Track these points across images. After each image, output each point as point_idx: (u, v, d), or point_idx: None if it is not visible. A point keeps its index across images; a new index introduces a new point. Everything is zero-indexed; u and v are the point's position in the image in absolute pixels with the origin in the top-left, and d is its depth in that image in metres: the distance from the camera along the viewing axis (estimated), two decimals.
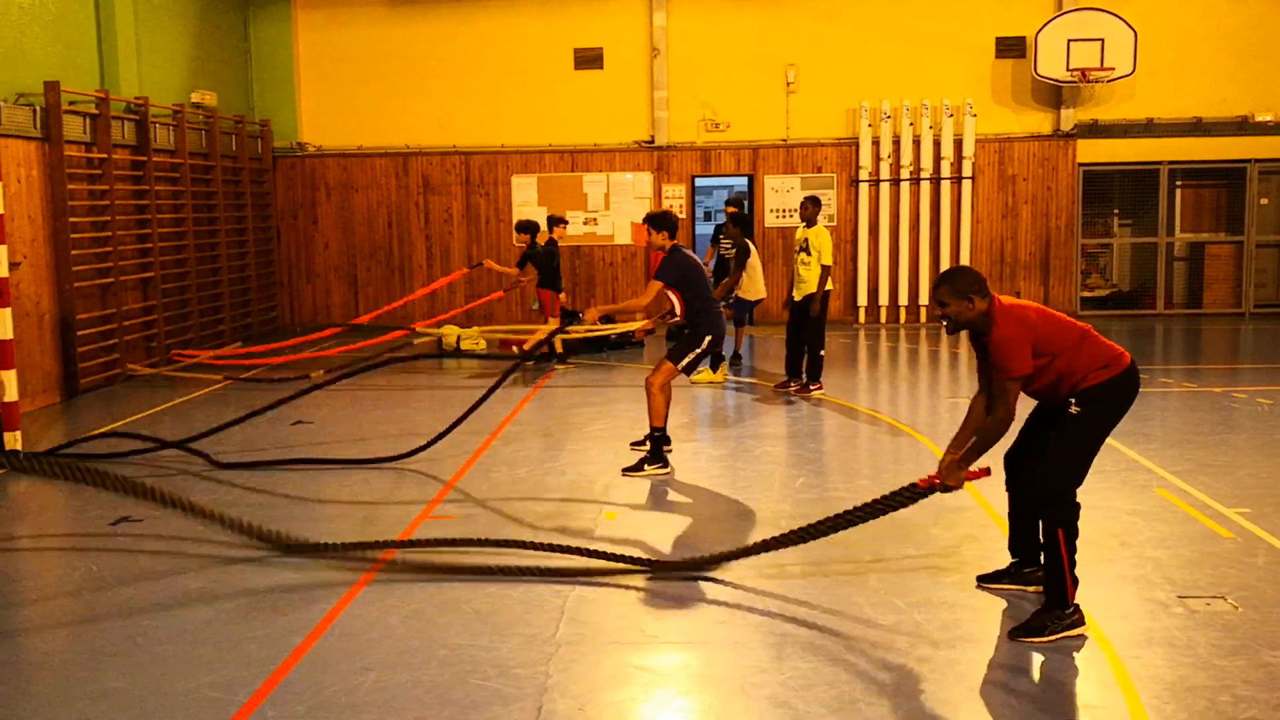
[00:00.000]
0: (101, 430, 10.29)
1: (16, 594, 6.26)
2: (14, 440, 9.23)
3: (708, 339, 8.59)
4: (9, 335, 9.21)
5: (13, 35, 11.92)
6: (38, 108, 11.95)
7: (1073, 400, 5.31)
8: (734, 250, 13.26)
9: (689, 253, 8.81)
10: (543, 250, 13.96)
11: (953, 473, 5.39)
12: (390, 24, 18.42)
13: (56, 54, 12.79)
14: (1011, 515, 5.90)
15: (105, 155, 13.10)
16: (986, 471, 5.47)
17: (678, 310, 8.77)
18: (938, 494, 5.50)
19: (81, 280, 12.58)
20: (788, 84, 17.98)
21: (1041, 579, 5.71)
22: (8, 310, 9.17)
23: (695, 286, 8.65)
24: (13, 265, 10.20)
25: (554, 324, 13.45)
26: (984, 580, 6.01)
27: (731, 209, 13.60)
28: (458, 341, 15.85)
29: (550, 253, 13.97)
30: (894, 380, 13.34)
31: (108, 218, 13.16)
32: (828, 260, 11.67)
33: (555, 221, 14.50)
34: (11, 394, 9.21)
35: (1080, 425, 5.32)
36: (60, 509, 8.18)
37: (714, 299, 8.83)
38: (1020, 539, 5.88)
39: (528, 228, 14.39)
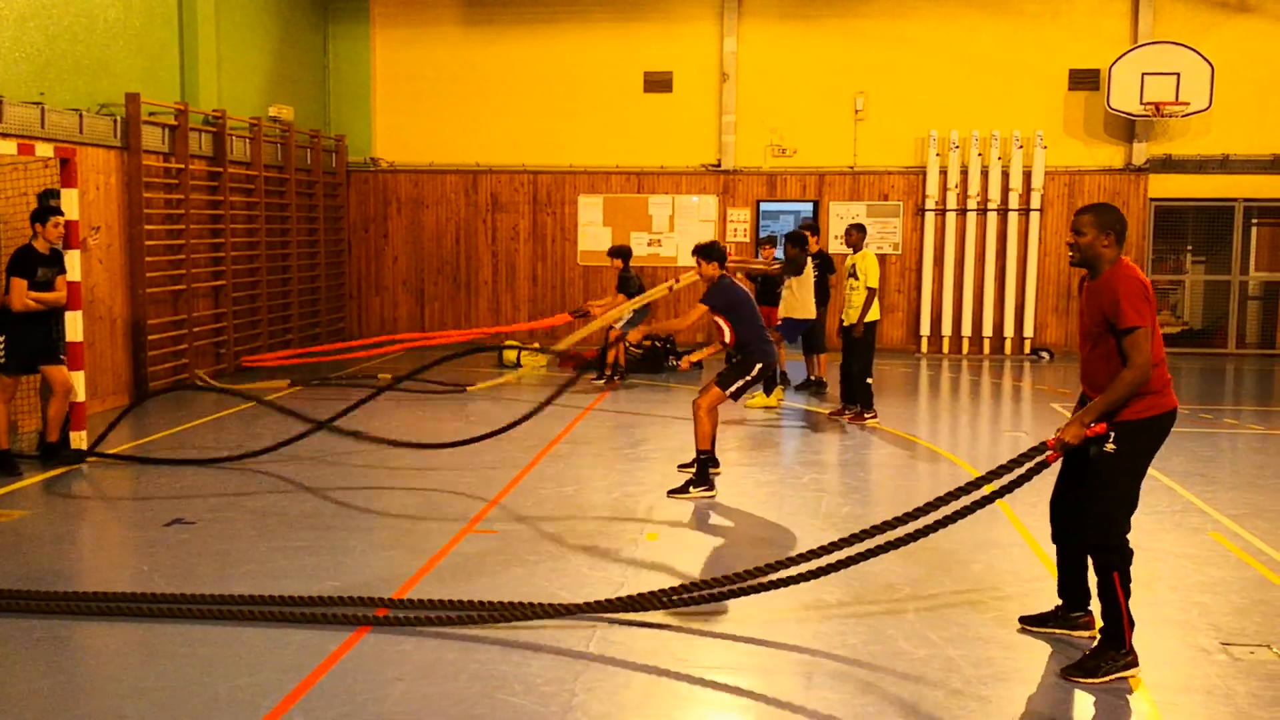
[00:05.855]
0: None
1: (70, 589, 6.43)
2: (80, 440, 9.48)
3: (758, 367, 8.65)
4: (79, 338, 9.47)
5: (97, 48, 12.30)
6: (118, 118, 12.32)
7: (1111, 434, 5.23)
8: (818, 274, 13.24)
9: (737, 283, 8.87)
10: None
11: (1075, 429, 5.24)
12: (465, 44, 18.71)
13: (139, 67, 13.17)
14: (1060, 560, 5.82)
15: (182, 166, 13.46)
16: (1105, 428, 5.25)
17: (728, 338, 8.83)
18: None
19: (154, 286, 12.92)
20: (856, 111, 17.95)
21: (1088, 624, 5.70)
22: (79, 313, 9.44)
23: (744, 317, 8.72)
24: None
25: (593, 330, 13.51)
26: (1028, 622, 5.90)
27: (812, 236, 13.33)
28: (518, 357, 16.02)
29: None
30: (953, 412, 13.21)
31: (182, 226, 13.51)
32: (873, 283, 11.59)
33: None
34: (79, 394, 9.47)
35: (1118, 470, 5.24)
36: (121, 508, 8.41)
37: (764, 328, 8.88)
38: (1069, 582, 5.80)
39: (620, 253, 14.49)
